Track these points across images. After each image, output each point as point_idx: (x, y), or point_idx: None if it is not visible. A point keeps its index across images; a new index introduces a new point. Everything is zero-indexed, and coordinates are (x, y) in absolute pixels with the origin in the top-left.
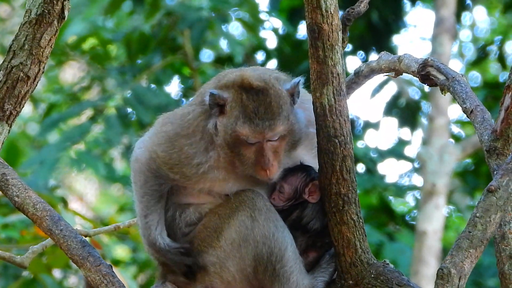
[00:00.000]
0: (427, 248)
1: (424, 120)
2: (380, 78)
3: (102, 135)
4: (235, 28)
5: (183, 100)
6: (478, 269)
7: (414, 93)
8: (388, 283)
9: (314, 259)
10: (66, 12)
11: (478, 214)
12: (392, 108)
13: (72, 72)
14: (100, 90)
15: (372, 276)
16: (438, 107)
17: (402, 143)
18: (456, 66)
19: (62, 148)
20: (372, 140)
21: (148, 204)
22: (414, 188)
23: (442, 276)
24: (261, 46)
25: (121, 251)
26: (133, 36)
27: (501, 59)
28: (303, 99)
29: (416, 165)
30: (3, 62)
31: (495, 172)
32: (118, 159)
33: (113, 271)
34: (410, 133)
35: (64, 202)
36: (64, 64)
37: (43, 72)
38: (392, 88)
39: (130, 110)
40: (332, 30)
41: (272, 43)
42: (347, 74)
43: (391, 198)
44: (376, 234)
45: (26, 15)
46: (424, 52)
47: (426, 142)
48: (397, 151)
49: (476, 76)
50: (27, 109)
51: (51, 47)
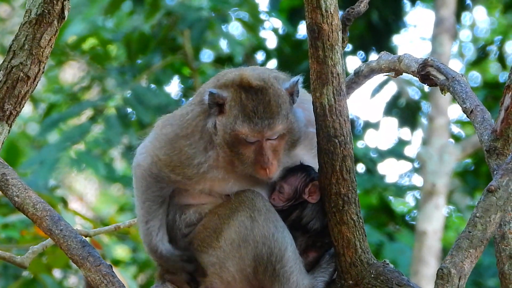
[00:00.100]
0: (427, 248)
1: (424, 120)
2: (380, 78)
3: (102, 135)
4: (235, 28)
5: (183, 100)
6: (478, 269)
7: (414, 93)
8: (388, 283)
9: (314, 259)
10: (66, 12)
11: (478, 214)
12: (392, 108)
13: (72, 72)
14: (100, 90)
15: (372, 276)
16: (438, 107)
17: (402, 143)
18: (456, 66)
19: (62, 148)
20: (372, 140)
21: (149, 210)
22: (414, 188)
23: (442, 276)
24: (261, 46)
25: (121, 251)
26: (133, 36)
27: (501, 59)
28: (303, 99)
29: (416, 165)
30: (3, 62)
31: (495, 172)
32: (118, 159)
33: (113, 271)
34: (410, 133)
35: (64, 202)
36: (64, 64)
37: (43, 72)
38: (392, 88)
39: (130, 110)
40: (332, 30)
41: (272, 43)
42: (347, 74)
43: (391, 198)
44: (376, 234)
45: (26, 15)
46: (424, 52)
47: (426, 142)
48: (397, 151)
49: (476, 76)
50: (27, 109)
51: (51, 47)
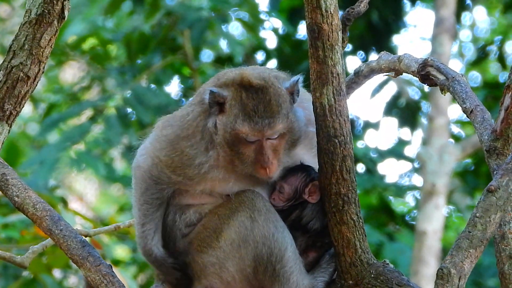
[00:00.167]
0: (427, 248)
1: (424, 120)
2: (380, 78)
3: (102, 135)
4: (235, 28)
5: (183, 100)
6: (478, 269)
7: (414, 93)
8: (388, 283)
9: (314, 259)
10: (66, 12)
11: (478, 214)
12: (392, 108)
13: (72, 72)
14: (100, 90)
15: (372, 276)
16: (438, 107)
17: (402, 143)
18: (456, 66)
19: (62, 148)
20: (372, 140)
21: (146, 213)
22: (414, 188)
23: (442, 276)
24: (261, 46)
25: (121, 251)
26: (133, 36)
27: (501, 59)
28: (303, 99)
29: (416, 165)
30: (3, 62)
31: (495, 172)
32: (118, 159)
33: (113, 271)
34: (410, 133)
35: (64, 202)
36: (64, 64)
37: (43, 72)
38: (392, 88)
39: (130, 110)
40: (332, 30)
41: (272, 43)
42: (347, 74)
43: (391, 198)
44: (376, 234)
45: (26, 15)
46: (424, 52)
47: (426, 142)
48: (397, 151)
49: (476, 76)
50: (27, 109)
51: (51, 47)
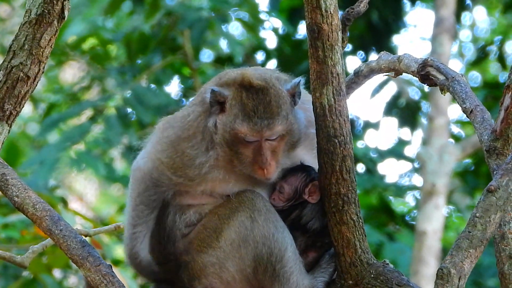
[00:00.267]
0: (427, 248)
1: (424, 120)
2: (380, 78)
3: (102, 135)
4: (235, 28)
5: (183, 100)
6: (478, 269)
7: (414, 93)
8: (388, 283)
9: (314, 259)
10: (66, 12)
11: (478, 214)
12: (392, 108)
13: (72, 72)
14: (100, 90)
15: (372, 276)
16: (438, 107)
17: (402, 143)
18: (456, 66)
19: (62, 148)
20: (372, 140)
21: (140, 214)
22: (414, 188)
23: (442, 276)
24: (261, 46)
25: (121, 251)
26: (133, 36)
27: (501, 59)
28: (304, 100)
29: (416, 165)
30: (3, 62)
31: (495, 172)
32: (118, 159)
33: (113, 271)
34: (410, 133)
35: (64, 202)
36: (64, 64)
37: (43, 72)
38: (392, 88)
39: (130, 110)
40: (332, 30)
41: (272, 43)
42: (347, 74)
43: (391, 198)
44: (376, 234)
45: (26, 15)
46: (424, 52)
47: (426, 142)
48: (397, 151)
49: (476, 76)
50: (27, 109)
51: (51, 47)
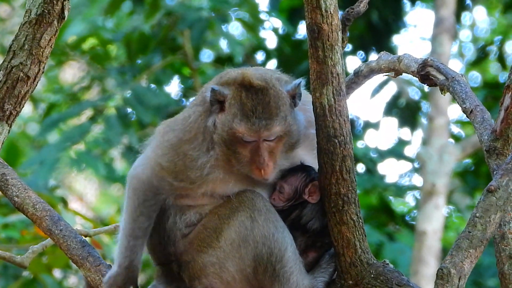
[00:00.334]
0: (427, 248)
1: (424, 120)
2: (380, 78)
3: (102, 135)
4: (235, 28)
5: (183, 100)
6: (478, 269)
7: (414, 93)
8: (388, 283)
9: (314, 259)
10: (66, 12)
11: (478, 214)
12: (392, 108)
13: (72, 72)
14: (100, 90)
15: (372, 276)
16: (438, 107)
17: (402, 143)
18: (456, 66)
19: (62, 148)
20: (372, 140)
21: (141, 226)
22: (414, 188)
23: (442, 276)
24: (261, 46)
25: None
26: (133, 36)
27: (501, 59)
28: (304, 101)
29: (416, 165)
30: (3, 62)
31: (495, 172)
32: (118, 159)
33: None
34: (410, 133)
35: (64, 202)
36: (64, 64)
37: (43, 72)
38: (392, 88)
39: (130, 110)
40: (332, 30)
41: (272, 43)
42: (347, 74)
43: (391, 198)
44: (376, 234)
45: (26, 15)
46: (424, 52)
47: (426, 142)
48: (397, 151)
49: (476, 76)
50: (27, 109)
51: (51, 47)
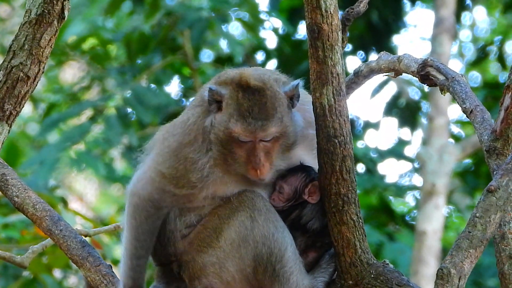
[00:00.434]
0: (427, 248)
1: (424, 120)
2: (380, 78)
3: (102, 135)
4: (235, 28)
5: (183, 100)
6: (478, 269)
7: (414, 93)
8: (388, 283)
9: (313, 259)
10: (66, 12)
11: (478, 214)
12: (392, 108)
13: (72, 72)
14: (100, 90)
15: (372, 276)
16: (438, 107)
17: (402, 143)
18: (456, 66)
19: (62, 148)
20: (372, 140)
21: (144, 244)
22: (414, 188)
23: (442, 276)
24: (261, 46)
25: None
26: (133, 36)
27: (501, 59)
28: (304, 101)
29: (416, 165)
30: (3, 62)
31: (495, 172)
32: (118, 159)
33: (112, 271)
34: (410, 133)
35: (64, 202)
36: (64, 64)
37: (43, 72)
38: (392, 88)
39: (130, 110)
40: (332, 30)
41: (272, 43)
42: (347, 74)
43: (391, 198)
44: (376, 234)
45: (26, 15)
46: (424, 52)
47: (426, 142)
48: (397, 151)
49: (476, 76)
50: (27, 109)
51: (51, 47)
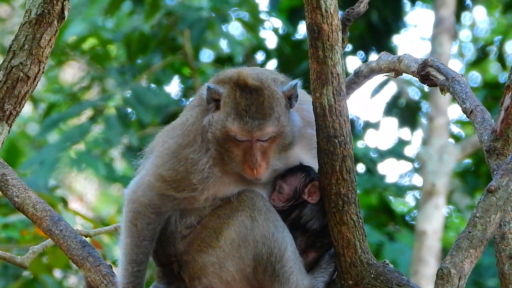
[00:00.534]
0: (427, 248)
1: (424, 120)
2: (380, 78)
3: (102, 135)
4: (235, 28)
5: (183, 100)
6: (478, 269)
7: (414, 93)
8: (388, 283)
9: (314, 259)
10: (66, 12)
11: (478, 214)
12: (392, 108)
13: (72, 72)
14: (100, 90)
15: (372, 276)
16: (438, 107)
17: (402, 143)
18: (456, 66)
19: (62, 148)
20: (372, 140)
21: (145, 251)
22: (414, 188)
23: (442, 276)
24: (261, 46)
25: None
26: (133, 36)
27: (501, 59)
28: (302, 100)
29: (416, 165)
30: (3, 62)
31: (495, 172)
32: (118, 159)
33: (113, 271)
34: (410, 133)
35: (64, 202)
36: (64, 64)
37: (43, 72)
38: (392, 88)
39: (130, 110)
40: (332, 30)
41: (272, 43)
42: (347, 74)
43: (391, 198)
44: (376, 234)
45: (26, 15)
46: (424, 52)
47: (426, 142)
48: (397, 151)
49: (476, 76)
50: (27, 109)
51: (51, 47)
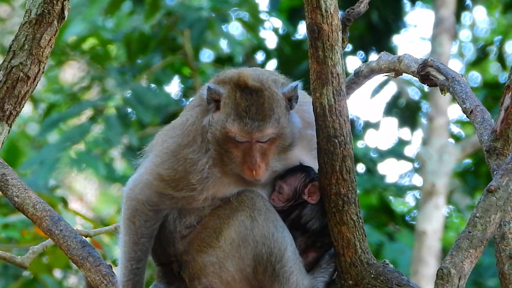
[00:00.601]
0: (427, 248)
1: (424, 120)
2: (380, 78)
3: (102, 135)
4: (235, 28)
5: (183, 100)
6: (478, 269)
7: (414, 93)
8: (388, 283)
9: (313, 259)
10: (66, 12)
11: (478, 214)
12: (392, 108)
13: (72, 72)
14: (100, 90)
15: (372, 276)
16: (438, 107)
17: (402, 143)
18: (456, 66)
19: (62, 148)
20: (372, 140)
21: (143, 248)
22: (414, 188)
23: (442, 276)
24: (261, 46)
25: None
26: (133, 36)
27: (501, 59)
28: (302, 101)
29: (416, 165)
30: (3, 62)
31: (495, 172)
32: (118, 159)
33: (113, 271)
34: (410, 133)
35: (64, 202)
36: (64, 64)
37: (43, 72)
38: (392, 88)
39: (130, 110)
40: (332, 30)
41: (272, 43)
42: (347, 74)
43: (391, 198)
44: (376, 234)
45: (26, 15)
46: (424, 52)
47: (426, 142)
48: (397, 151)
49: (476, 76)
50: (27, 109)
51: (51, 47)
